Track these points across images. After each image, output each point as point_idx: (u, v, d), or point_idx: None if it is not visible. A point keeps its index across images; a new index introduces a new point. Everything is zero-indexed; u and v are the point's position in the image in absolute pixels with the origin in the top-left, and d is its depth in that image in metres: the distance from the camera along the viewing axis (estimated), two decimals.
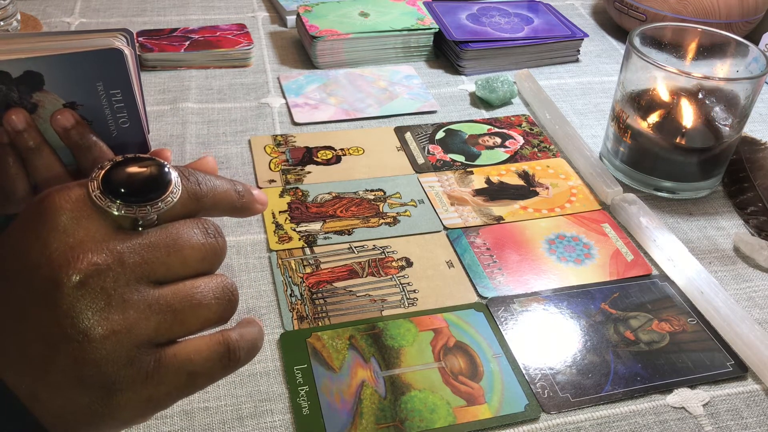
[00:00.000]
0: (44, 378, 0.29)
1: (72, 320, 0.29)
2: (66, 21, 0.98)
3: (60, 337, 0.29)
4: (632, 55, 0.68)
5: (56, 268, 0.29)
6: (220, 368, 0.32)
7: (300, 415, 0.49)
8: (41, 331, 0.29)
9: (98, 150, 0.48)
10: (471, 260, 0.62)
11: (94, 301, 0.29)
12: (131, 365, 0.29)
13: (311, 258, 0.61)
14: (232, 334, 0.33)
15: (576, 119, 0.84)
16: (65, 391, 0.29)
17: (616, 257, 0.63)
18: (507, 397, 0.51)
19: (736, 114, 0.68)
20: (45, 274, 0.29)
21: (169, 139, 0.76)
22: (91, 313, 0.29)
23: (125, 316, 0.29)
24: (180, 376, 0.31)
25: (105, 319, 0.29)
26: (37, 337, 0.29)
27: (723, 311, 0.57)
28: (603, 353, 0.54)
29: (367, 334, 0.55)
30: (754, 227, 0.68)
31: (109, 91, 0.47)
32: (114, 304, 0.29)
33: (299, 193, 0.69)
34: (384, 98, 0.84)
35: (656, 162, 0.70)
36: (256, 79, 0.87)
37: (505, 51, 0.91)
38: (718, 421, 0.50)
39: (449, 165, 0.74)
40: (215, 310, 0.32)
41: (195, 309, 0.31)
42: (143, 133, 0.50)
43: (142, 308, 0.30)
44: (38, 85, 0.45)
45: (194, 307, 0.31)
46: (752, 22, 0.98)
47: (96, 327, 0.29)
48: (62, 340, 0.29)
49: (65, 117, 0.47)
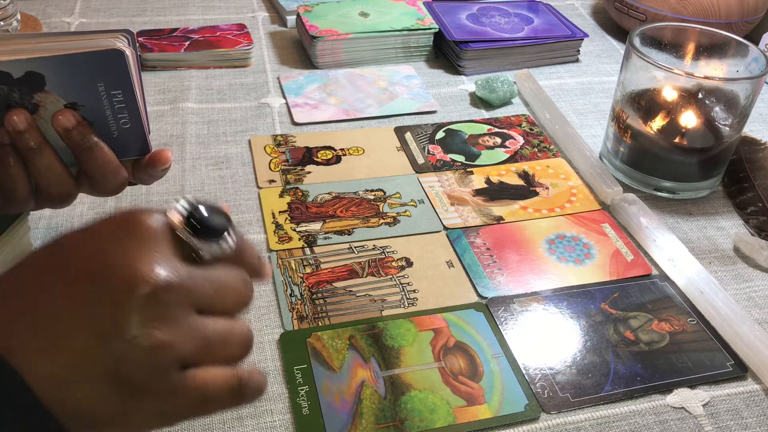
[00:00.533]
0: (81, 368, 0.31)
1: (130, 322, 0.31)
2: (66, 21, 0.98)
3: (113, 335, 0.31)
4: (632, 55, 0.68)
5: (135, 274, 0.32)
6: (229, 399, 0.35)
7: (300, 415, 0.49)
8: (96, 325, 0.31)
9: (99, 150, 0.48)
10: (471, 260, 0.62)
11: (155, 312, 0.32)
12: (161, 377, 0.32)
13: (311, 258, 0.61)
14: (244, 372, 0.36)
15: (576, 119, 0.84)
16: (96, 385, 0.31)
17: (616, 257, 0.64)
18: (507, 397, 0.51)
19: (736, 114, 0.68)
20: (123, 276, 0.32)
21: (169, 139, 0.76)
22: (149, 321, 0.31)
23: (173, 333, 0.32)
24: (195, 398, 0.33)
25: (157, 330, 0.32)
26: (90, 330, 0.31)
27: (723, 311, 0.57)
28: (603, 353, 0.54)
29: (367, 334, 0.55)
30: (754, 227, 0.68)
31: (110, 92, 0.47)
32: (168, 320, 0.32)
33: (299, 193, 0.69)
34: (384, 98, 0.84)
35: (656, 162, 0.70)
36: (256, 79, 0.87)
37: (505, 51, 0.91)
38: (718, 421, 0.50)
39: (449, 165, 0.74)
40: (237, 352, 0.36)
41: (224, 345, 0.35)
42: (144, 134, 0.50)
43: (187, 331, 0.33)
44: (39, 85, 0.45)
45: (224, 344, 0.35)
46: (752, 22, 0.98)
47: (147, 334, 0.31)
48: (114, 337, 0.31)
49: (66, 117, 0.47)
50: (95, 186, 0.50)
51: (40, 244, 0.61)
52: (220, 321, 0.35)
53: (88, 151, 0.48)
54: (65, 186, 0.49)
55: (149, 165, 0.52)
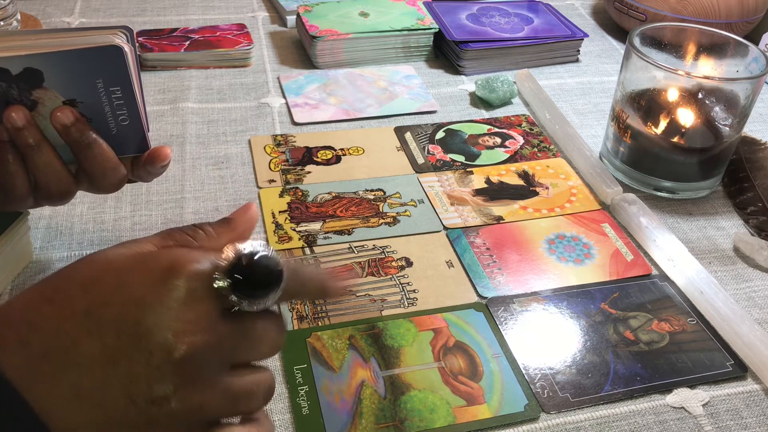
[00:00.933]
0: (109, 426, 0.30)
1: (165, 386, 0.31)
2: (66, 21, 0.98)
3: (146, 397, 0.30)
4: (632, 55, 0.68)
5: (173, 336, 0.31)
6: None
7: (300, 415, 0.49)
8: (129, 384, 0.30)
9: (98, 147, 0.48)
10: (471, 260, 0.62)
11: (190, 375, 0.31)
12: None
13: (311, 258, 0.61)
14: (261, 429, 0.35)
15: (576, 119, 0.84)
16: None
17: (616, 257, 0.63)
18: (507, 397, 0.51)
19: (735, 114, 0.68)
20: (160, 338, 0.31)
21: (169, 139, 0.75)
22: (183, 384, 0.31)
23: (203, 396, 0.32)
24: None
25: (187, 394, 0.31)
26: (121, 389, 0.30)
27: (723, 311, 0.57)
28: (603, 353, 0.54)
29: (366, 334, 0.55)
30: (754, 227, 0.68)
31: (109, 89, 0.47)
32: (200, 383, 0.32)
33: (299, 193, 0.69)
34: (384, 98, 0.84)
35: (656, 162, 0.70)
36: (256, 79, 0.87)
37: (505, 51, 0.91)
38: (717, 421, 0.50)
39: (449, 165, 0.74)
40: (261, 404, 0.35)
41: (250, 400, 0.34)
42: (143, 131, 0.50)
43: (217, 393, 0.32)
44: (38, 82, 0.45)
45: (250, 399, 0.34)
46: (752, 22, 0.98)
47: (181, 398, 0.31)
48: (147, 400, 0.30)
49: (65, 114, 0.46)
50: (94, 183, 0.50)
51: (39, 244, 0.61)
52: (248, 375, 0.34)
53: (87, 148, 0.48)
54: (64, 183, 0.49)
55: (148, 162, 0.51)
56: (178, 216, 0.65)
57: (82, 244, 0.61)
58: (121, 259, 0.33)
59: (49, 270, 0.58)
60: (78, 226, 0.63)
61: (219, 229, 0.38)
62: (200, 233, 0.37)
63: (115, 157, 0.50)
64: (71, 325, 0.31)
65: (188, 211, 0.66)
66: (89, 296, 0.32)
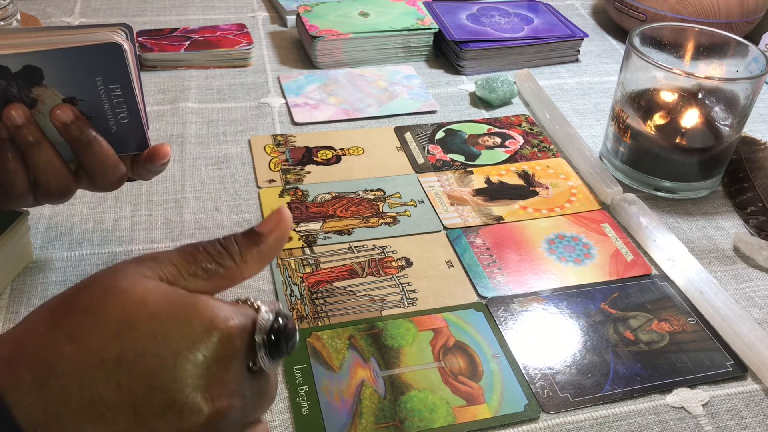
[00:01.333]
0: None
1: None
2: (66, 21, 0.98)
3: None
4: (632, 55, 0.68)
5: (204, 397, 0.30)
6: None
7: (299, 415, 0.48)
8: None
9: (98, 145, 0.48)
10: (471, 260, 0.62)
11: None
12: None
13: (311, 258, 0.61)
14: None
15: (576, 119, 0.84)
16: None
17: (616, 257, 0.63)
18: (506, 397, 0.50)
19: (735, 114, 0.68)
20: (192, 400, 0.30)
21: (169, 139, 0.75)
22: None
23: None
24: None
25: None
26: None
27: (723, 311, 0.57)
28: (603, 353, 0.54)
29: (366, 334, 0.54)
30: (753, 227, 0.68)
31: (109, 86, 0.47)
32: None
33: (299, 193, 0.68)
34: (384, 98, 0.84)
35: (656, 162, 0.70)
36: (256, 79, 0.87)
37: (505, 51, 0.91)
38: (717, 421, 0.50)
39: (449, 165, 0.74)
40: None
41: None
42: (143, 129, 0.50)
43: None
44: (37, 79, 0.45)
45: None
46: (752, 22, 0.98)
47: None
48: None
49: (64, 112, 0.46)
50: (94, 181, 0.50)
51: (39, 244, 0.61)
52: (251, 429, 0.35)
53: (87, 145, 0.48)
54: (64, 181, 0.49)
55: (148, 160, 0.51)
56: (178, 216, 0.65)
57: (82, 243, 0.61)
58: (155, 300, 0.31)
59: (50, 270, 0.58)
60: (78, 226, 0.63)
61: (246, 251, 0.36)
62: (227, 261, 0.35)
63: (115, 154, 0.49)
64: (99, 374, 0.29)
65: (188, 211, 0.66)
66: (122, 344, 0.30)
